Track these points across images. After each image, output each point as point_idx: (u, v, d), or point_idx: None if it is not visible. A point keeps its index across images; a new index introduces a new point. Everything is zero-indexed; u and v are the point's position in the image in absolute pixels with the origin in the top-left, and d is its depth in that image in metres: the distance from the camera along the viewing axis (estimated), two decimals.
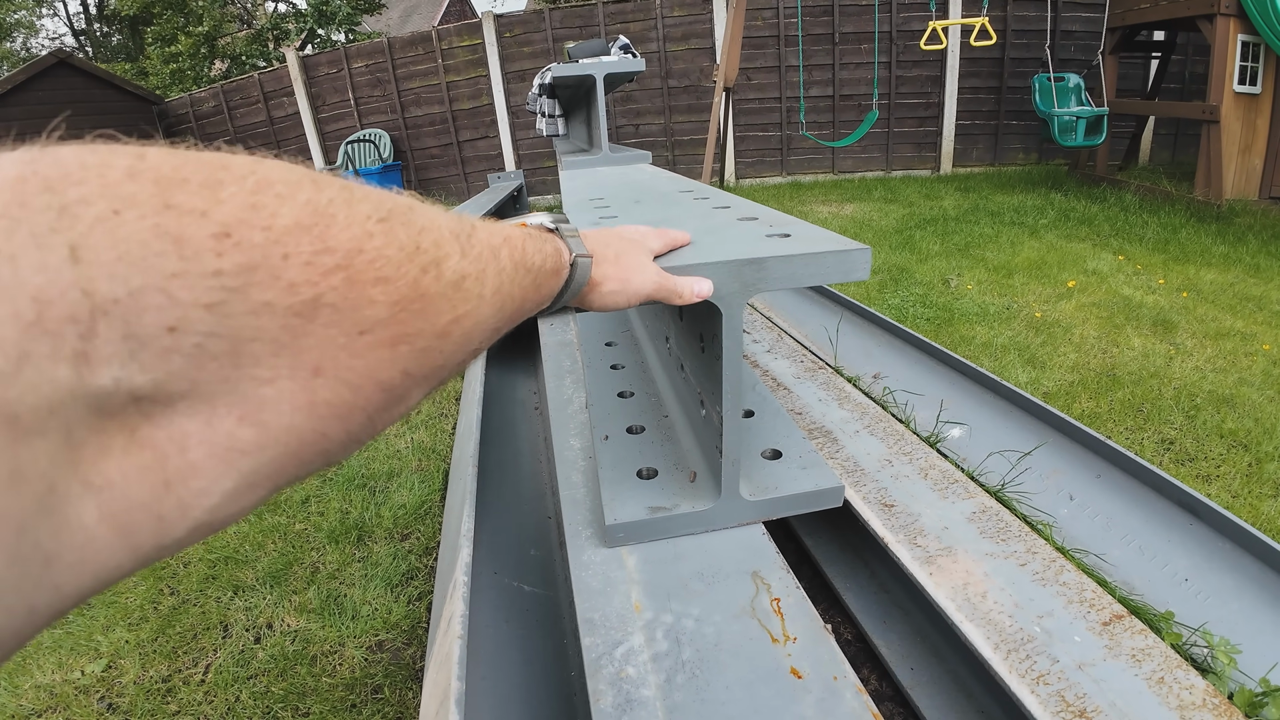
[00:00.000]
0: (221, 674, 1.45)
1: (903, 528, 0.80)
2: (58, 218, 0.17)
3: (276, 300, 0.20)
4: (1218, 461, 1.99)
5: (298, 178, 0.23)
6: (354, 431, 0.25)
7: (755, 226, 0.77)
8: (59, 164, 0.18)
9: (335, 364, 0.22)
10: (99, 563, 0.18)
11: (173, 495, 0.20)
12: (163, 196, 0.19)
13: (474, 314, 0.30)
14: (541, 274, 0.42)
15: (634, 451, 0.88)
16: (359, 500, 1.97)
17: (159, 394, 0.19)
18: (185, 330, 0.19)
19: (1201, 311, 3.16)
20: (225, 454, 0.21)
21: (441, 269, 0.27)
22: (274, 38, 12.68)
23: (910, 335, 1.46)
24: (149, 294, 0.18)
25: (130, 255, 0.18)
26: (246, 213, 0.20)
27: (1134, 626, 0.68)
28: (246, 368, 0.20)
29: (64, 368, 0.16)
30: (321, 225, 0.22)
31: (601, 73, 2.17)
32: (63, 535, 0.17)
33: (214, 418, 0.20)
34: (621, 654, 0.63)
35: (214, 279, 0.19)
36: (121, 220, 0.18)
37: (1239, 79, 5.17)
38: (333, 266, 0.22)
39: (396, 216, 0.26)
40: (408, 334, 0.25)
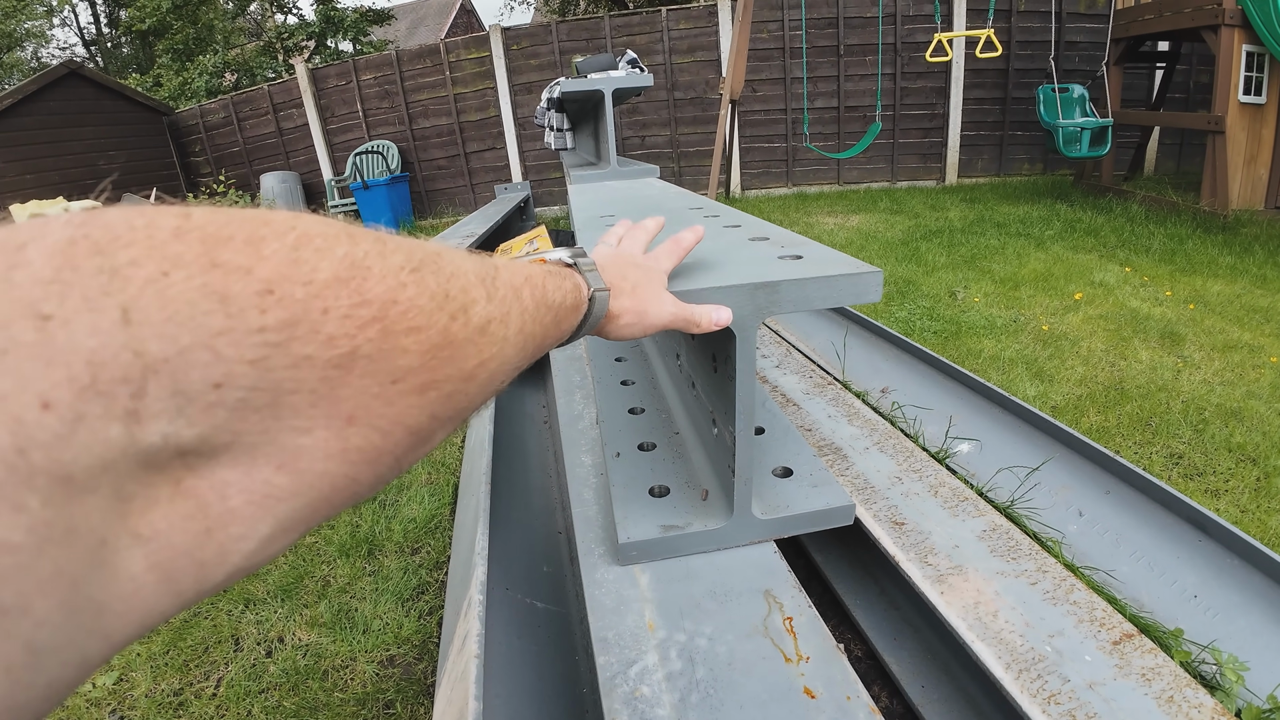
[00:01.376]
0: (233, 688, 1.46)
1: (913, 546, 0.81)
2: (109, 280, 0.18)
3: (316, 354, 0.21)
4: (1226, 476, 1.98)
5: (335, 232, 0.24)
6: (382, 474, 0.25)
7: (767, 247, 0.78)
8: (108, 227, 0.19)
9: (368, 412, 0.23)
10: (145, 609, 0.19)
11: (214, 542, 0.20)
12: (209, 255, 0.20)
13: (499, 355, 0.30)
14: (562, 310, 0.43)
15: (645, 469, 0.89)
16: (369, 514, 1.98)
17: (204, 447, 0.19)
18: (230, 386, 0.19)
19: (1209, 323, 3.15)
20: (263, 501, 0.21)
21: (469, 314, 0.28)
22: (283, 49, 12.80)
23: (918, 349, 1.47)
24: (197, 352, 0.18)
25: (179, 315, 0.18)
26: (288, 268, 0.21)
27: (1144, 645, 0.68)
28: (286, 419, 0.21)
29: (116, 427, 0.17)
30: (358, 278, 0.23)
31: (610, 88, 2.19)
32: (113, 586, 0.18)
33: (253, 467, 0.21)
34: (636, 673, 0.64)
35: (258, 335, 0.20)
36: (170, 281, 0.18)
37: (1244, 89, 5.17)
38: (369, 319, 0.23)
39: (427, 265, 0.27)
40: (437, 380, 0.26)
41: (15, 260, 0.17)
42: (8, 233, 0.18)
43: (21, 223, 0.18)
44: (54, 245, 0.17)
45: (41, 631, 0.16)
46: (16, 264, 0.17)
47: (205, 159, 9.06)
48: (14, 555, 0.15)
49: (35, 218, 0.18)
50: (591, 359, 1.27)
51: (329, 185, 8.38)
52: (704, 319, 0.59)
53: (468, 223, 3.39)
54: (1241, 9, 4.94)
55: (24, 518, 0.15)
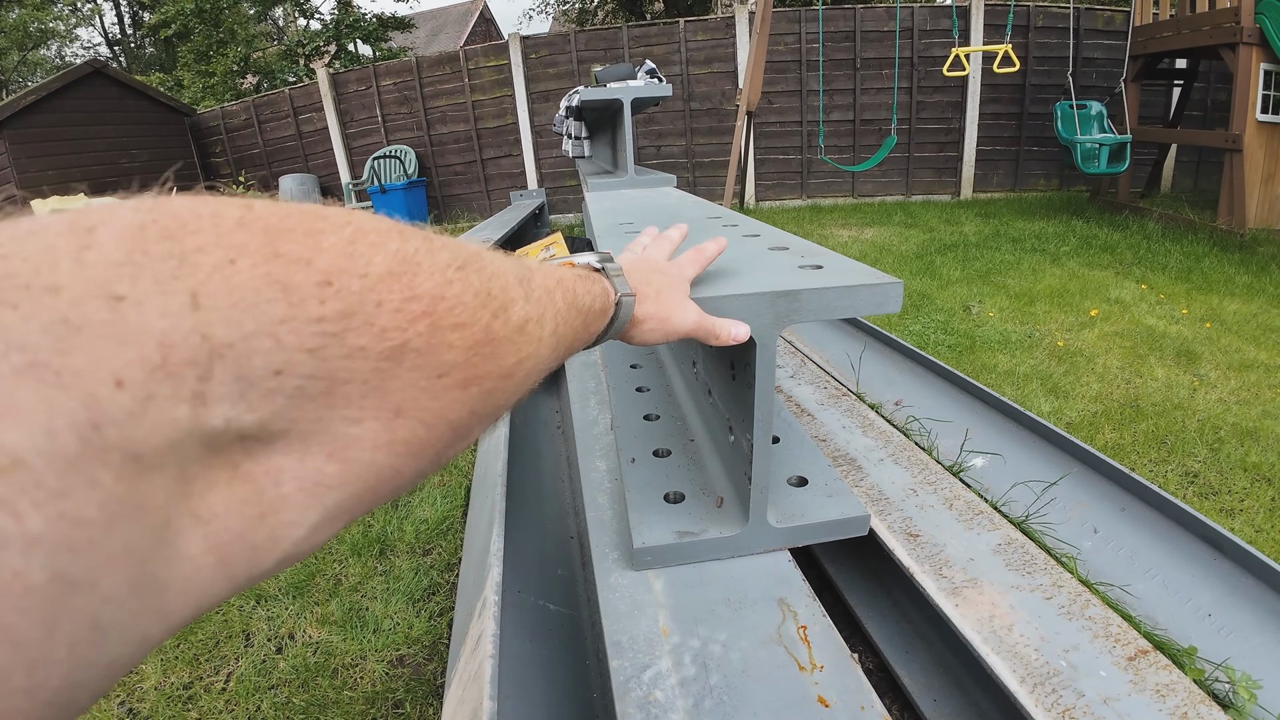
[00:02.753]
0: (243, 683, 1.47)
1: (928, 558, 0.81)
2: (179, 265, 0.18)
3: (369, 345, 0.22)
4: (1241, 495, 1.97)
5: (387, 227, 0.24)
6: (423, 468, 0.26)
7: (787, 257, 0.78)
8: (175, 214, 0.19)
9: (415, 405, 0.24)
10: (202, 591, 0.20)
11: (266, 527, 0.21)
12: (272, 245, 0.20)
13: (535, 355, 0.31)
14: (590, 314, 0.44)
15: (660, 475, 0.89)
16: (381, 514, 1.99)
17: (262, 432, 0.20)
18: (289, 373, 0.20)
19: (1225, 342, 3.13)
20: (313, 489, 0.22)
21: (509, 313, 0.29)
22: (304, 54, 12.95)
23: (932, 363, 1.47)
24: (259, 339, 0.19)
25: (244, 302, 0.19)
26: (345, 261, 0.22)
27: (1159, 662, 0.68)
28: (339, 408, 0.21)
29: (183, 408, 0.17)
30: (410, 273, 0.24)
31: (629, 97, 2.21)
32: (174, 565, 0.18)
33: (306, 455, 0.21)
34: (649, 677, 0.64)
35: (316, 325, 0.20)
36: (236, 269, 0.19)
37: (1262, 108, 5.14)
38: (420, 313, 0.23)
39: (471, 264, 0.27)
40: (478, 376, 0.26)
41: (87, 241, 0.17)
42: (77, 215, 0.18)
43: (90, 206, 0.19)
44: (124, 229, 0.18)
45: (108, 608, 0.16)
46: (88, 245, 0.17)
47: (226, 160, 9.17)
48: (86, 530, 0.15)
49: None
50: (606, 365, 1.28)
51: (346, 188, 8.45)
52: (724, 332, 0.60)
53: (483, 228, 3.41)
54: (1260, 27, 4.92)
55: (97, 493, 0.16)
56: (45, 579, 0.15)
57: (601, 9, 16.34)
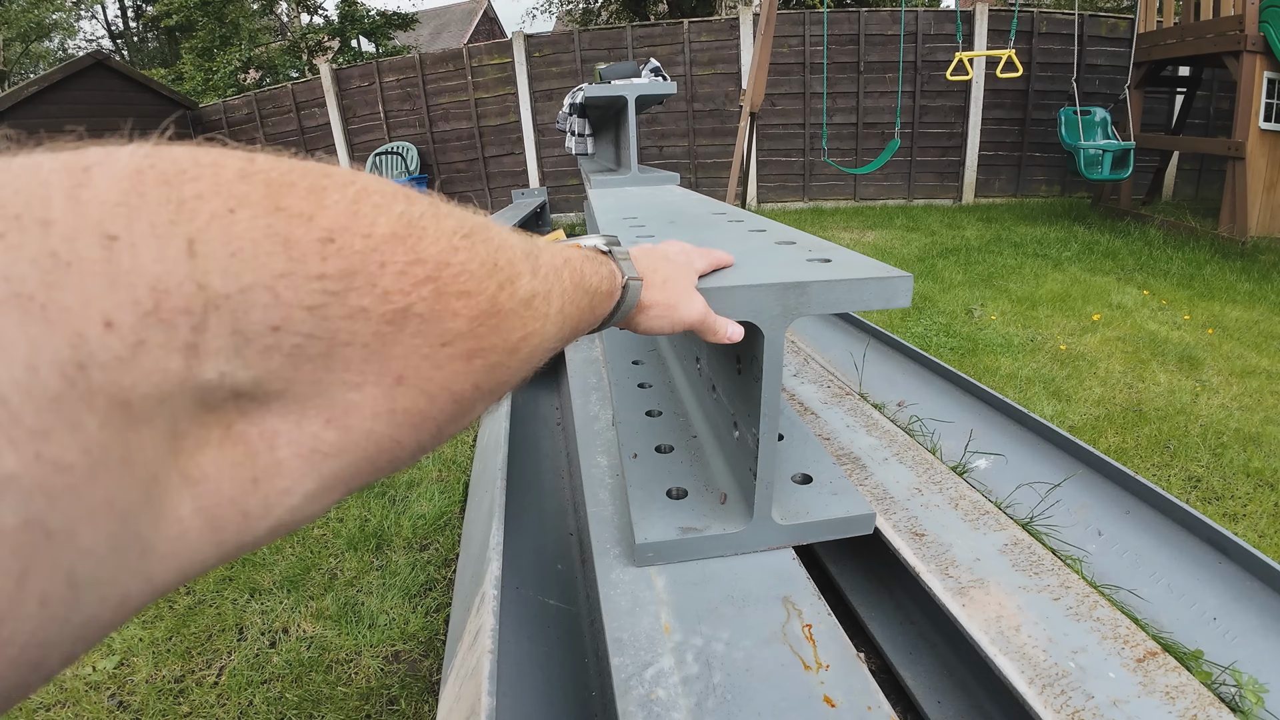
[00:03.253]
0: (235, 677, 1.45)
1: (934, 558, 0.80)
2: (176, 211, 0.17)
3: (371, 307, 0.21)
4: (1244, 500, 1.96)
5: (392, 190, 0.24)
6: (423, 441, 0.25)
7: (794, 251, 0.77)
8: (175, 160, 0.19)
9: (417, 373, 0.23)
10: (188, 556, 0.19)
11: (259, 492, 0.20)
12: (273, 199, 0.20)
13: (540, 332, 0.30)
14: (597, 296, 0.43)
15: (663, 471, 0.88)
16: (378, 508, 1.98)
17: (257, 391, 0.19)
18: (287, 330, 0.19)
19: (1227, 348, 3.12)
20: (310, 455, 0.21)
21: (516, 286, 0.28)
22: (308, 49, 12.94)
23: (935, 364, 1.46)
24: (257, 292, 0.18)
25: (243, 253, 0.18)
26: (349, 219, 0.21)
27: (1167, 664, 0.67)
28: (338, 371, 0.21)
29: (176, 358, 0.17)
30: (414, 237, 0.23)
31: (634, 94, 2.20)
32: (160, 526, 0.18)
33: (303, 419, 0.21)
34: (651, 675, 0.63)
35: (317, 282, 0.20)
36: (236, 218, 0.18)
37: (1265, 116, 5.14)
38: (423, 278, 0.23)
39: (478, 233, 0.27)
40: (483, 348, 0.26)
41: (82, 180, 0.17)
42: (74, 155, 0.17)
43: (88, 147, 0.18)
44: (121, 171, 0.17)
45: (85, 563, 0.16)
46: (83, 183, 0.16)
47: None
48: (67, 476, 0.15)
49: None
50: (608, 361, 1.27)
51: None
52: (721, 330, 0.59)
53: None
54: (1264, 35, 4.92)
55: (80, 438, 0.15)
56: (17, 524, 0.14)
57: (605, 9, 16.34)
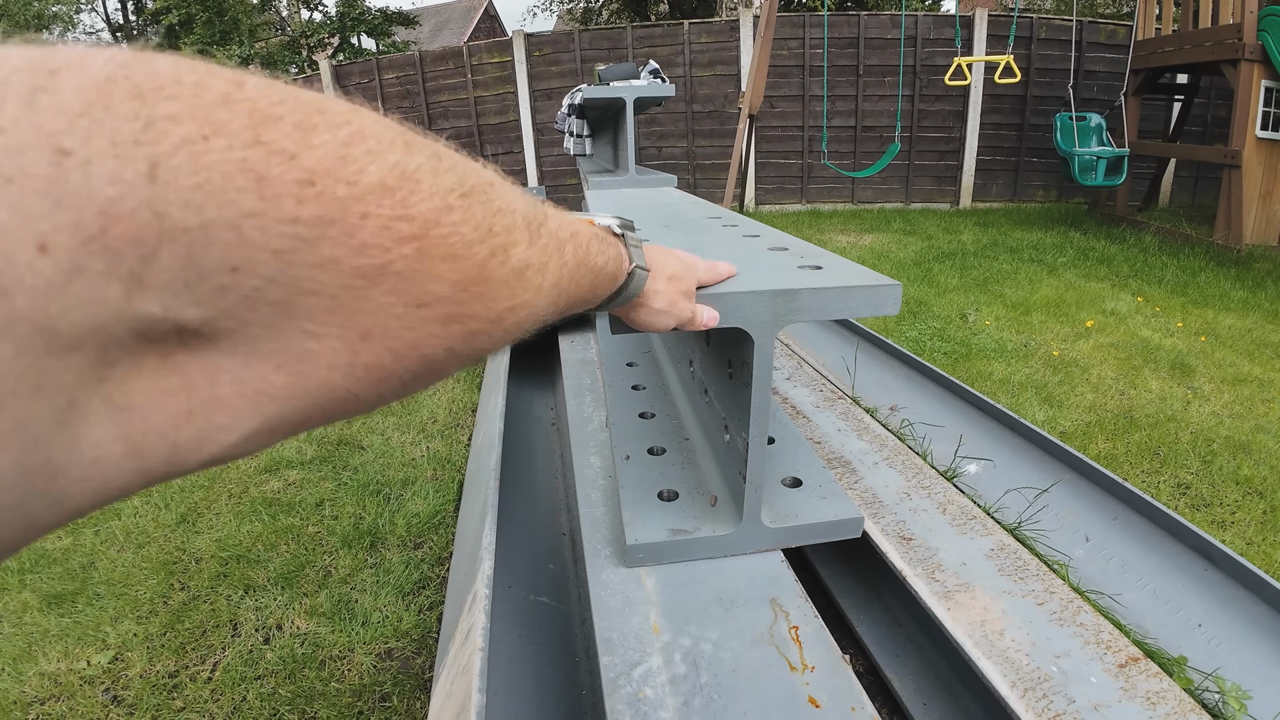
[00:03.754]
0: (229, 673, 1.46)
1: (921, 562, 0.81)
2: (143, 130, 0.16)
3: (345, 259, 0.20)
4: (1233, 508, 1.98)
5: (391, 136, 0.22)
6: (384, 395, 0.24)
7: (786, 257, 0.78)
8: (154, 73, 0.17)
9: (386, 331, 0.22)
10: (105, 480, 0.18)
11: (192, 425, 0.19)
12: (254, 130, 0.18)
13: (529, 304, 0.29)
14: (600, 276, 0.42)
15: (655, 473, 0.89)
16: (373, 506, 1.98)
17: (205, 329, 0.18)
18: (247, 272, 0.18)
19: (1219, 356, 3.14)
20: (255, 396, 0.20)
21: (509, 254, 0.27)
22: (307, 45, 12.92)
23: (928, 368, 1.47)
24: (220, 229, 0.17)
25: (210, 185, 0.17)
26: (334, 163, 0.20)
27: (1149, 669, 0.68)
28: (298, 319, 0.20)
29: (116, 288, 0.16)
30: (405, 190, 0.21)
31: (632, 96, 2.21)
32: (74, 450, 0.17)
33: (252, 359, 0.20)
34: (640, 675, 0.64)
35: (289, 225, 0.18)
36: (208, 147, 0.17)
37: (1261, 124, 5.17)
38: (408, 235, 0.21)
39: (477, 194, 0.25)
40: (464, 315, 0.25)
41: (44, 84, 0.15)
42: (43, 53, 0.16)
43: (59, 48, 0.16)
44: (90, 78, 0.16)
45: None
46: (44, 88, 0.15)
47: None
48: None
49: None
50: (603, 363, 1.28)
51: None
52: (699, 317, 0.59)
53: None
54: (1262, 44, 4.94)
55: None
56: None
57: (606, 9, 16.35)
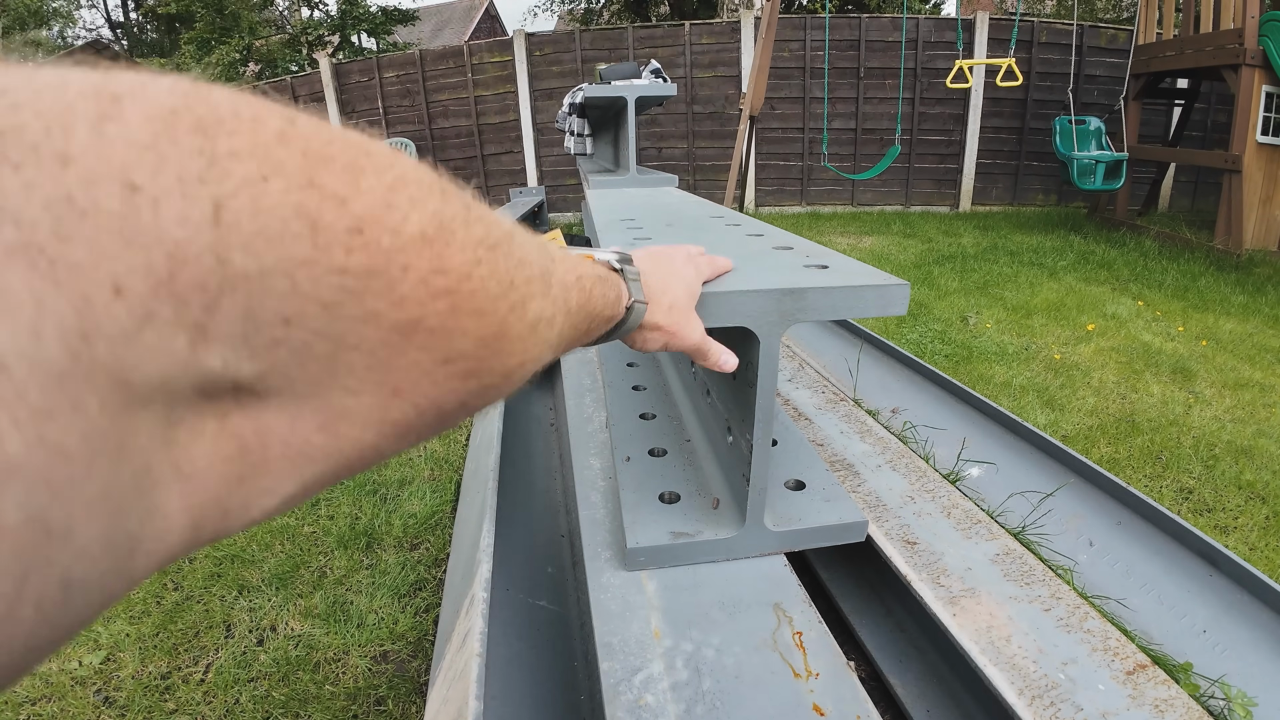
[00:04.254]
0: (222, 674, 1.44)
1: (926, 566, 0.80)
2: (208, 167, 0.16)
3: (385, 313, 0.19)
4: (1235, 513, 1.97)
5: (430, 182, 0.22)
6: (402, 448, 0.24)
7: (792, 256, 0.77)
8: (214, 106, 0.17)
9: (414, 388, 0.22)
10: (167, 553, 0.18)
11: (242, 491, 0.19)
12: (309, 172, 0.18)
13: (537, 358, 0.29)
14: (596, 320, 0.41)
15: (656, 475, 0.88)
16: (369, 507, 1.97)
17: (258, 385, 0.18)
18: (298, 325, 0.18)
19: (1220, 361, 3.14)
20: (297, 458, 0.20)
21: (527, 308, 0.26)
22: (307, 43, 12.91)
23: (930, 371, 1.46)
24: (276, 278, 0.17)
25: (269, 230, 0.16)
26: (381, 210, 0.19)
27: (1157, 676, 0.67)
28: (340, 376, 0.19)
29: (182, 338, 0.15)
30: (442, 241, 0.21)
31: (634, 95, 2.19)
32: (149, 522, 0.16)
33: (299, 420, 0.19)
34: (640, 681, 0.62)
35: (337, 276, 0.18)
36: (268, 188, 0.17)
37: (1262, 130, 5.17)
38: (443, 289, 0.21)
39: (502, 245, 0.25)
40: (480, 370, 0.24)
41: (110, 111, 0.15)
42: (105, 78, 0.15)
43: (117, 71, 0.16)
44: (154, 109, 0.15)
45: (79, 565, 0.14)
46: (111, 116, 0.15)
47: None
48: (68, 466, 0.13)
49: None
50: (603, 363, 1.26)
51: None
52: (714, 357, 0.58)
53: None
54: (1263, 49, 4.95)
55: (80, 421, 0.13)
56: (19, 521, 0.12)
57: (607, 9, 16.36)
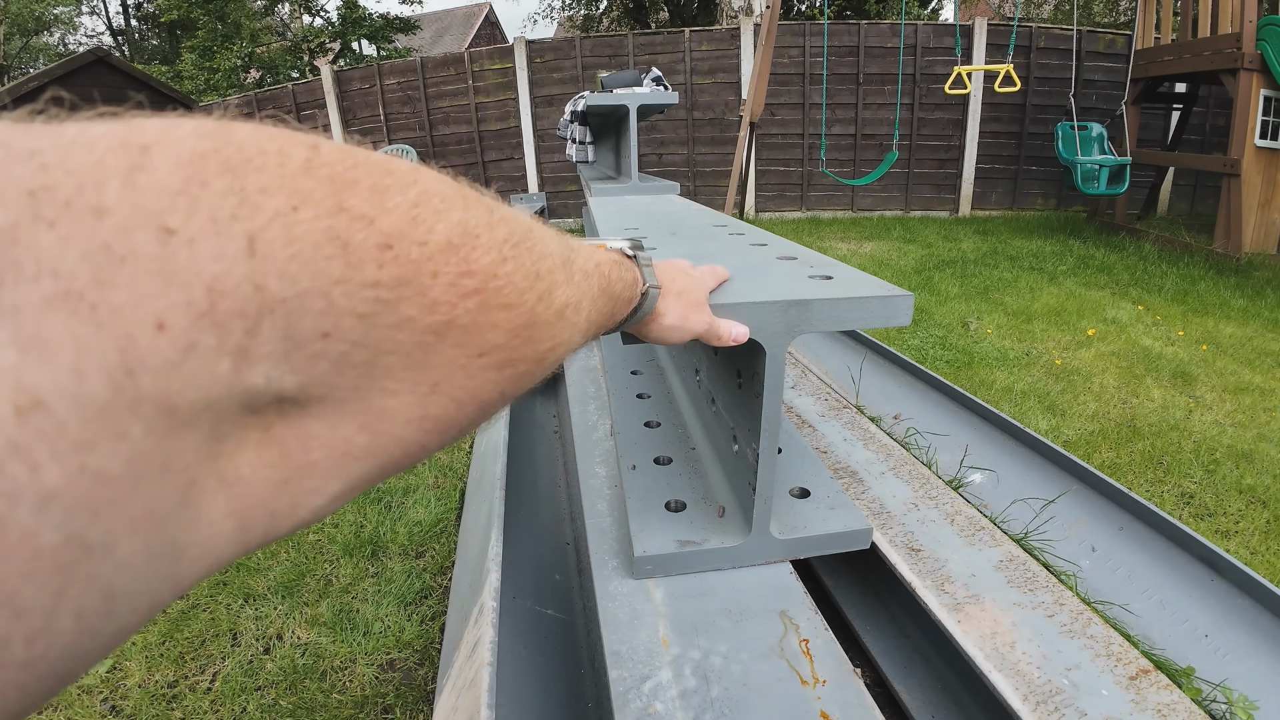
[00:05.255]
0: (229, 683, 1.45)
1: (930, 573, 0.80)
2: (239, 204, 0.17)
3: (418, 317, 0.21)
4: (1237, 517, 1.97)
5: (452, 193, 0.24)
6: (445, 442, 0.25)
7: (796, 267, 0.78)
8: (240, 145, 0.18)
9: (451, 382, 0.23)
10: (216, 556, 0.19)
11: (289, 493, 0.20)
12: (337, 197, 0.19)
13: (568, 341, 0.30)
14: (619, 302, 0.43)
15: (661, 483, 0.88)
16: (374, 514, 1.97)
17: (300, 396, 0.19)
18: (336, 337, 0.19)
19: (1221, 365, 3.14)
20: (341, 458, 0.21)
21: (553, 297, 0.28)
22: (309, 50, 12.96)
23: (931, 377, 1.47)
24: (312, 297, 0.18)
25: (302, 255, 0.18)
26: (407, 225, 0.21)
27: (1160, 681, 0.68)
28: (378, 378, 0.21)
29: (225, 362, 0.16)
30: (468, 246, 0.23)
31: (635, 103, 2.21)
32: (194, 530, 0.17)
33: (339, 423, 0.21)
34: (649, 689, 0.63)
35: (371, 289, 0.19)
36: (298, 217, 0.18)
37: (1260, 134, 5.19)
38: (471, 289, 0.23)
39: (525, 241, 0.27)
40: (515, 359, 0.26)
41: (140, 161, 0.16)
42: (130, 129, 0.16)
43: (138, 120, 0.17)
44: (183, 154, 0.16)
45: (121, 575, 0.15)
46: (141, 166, 0.16)
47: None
48: (110, 488, 0.14)
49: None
50: (607, 371, 1.27)
51: None
52: (725, 333, 0.60)
53: None
54: (1261, 53, 4.97)
55: (124, 447, 0.14)
56: (58, 541, 0.13)
57: (607, 16, 16.42)
